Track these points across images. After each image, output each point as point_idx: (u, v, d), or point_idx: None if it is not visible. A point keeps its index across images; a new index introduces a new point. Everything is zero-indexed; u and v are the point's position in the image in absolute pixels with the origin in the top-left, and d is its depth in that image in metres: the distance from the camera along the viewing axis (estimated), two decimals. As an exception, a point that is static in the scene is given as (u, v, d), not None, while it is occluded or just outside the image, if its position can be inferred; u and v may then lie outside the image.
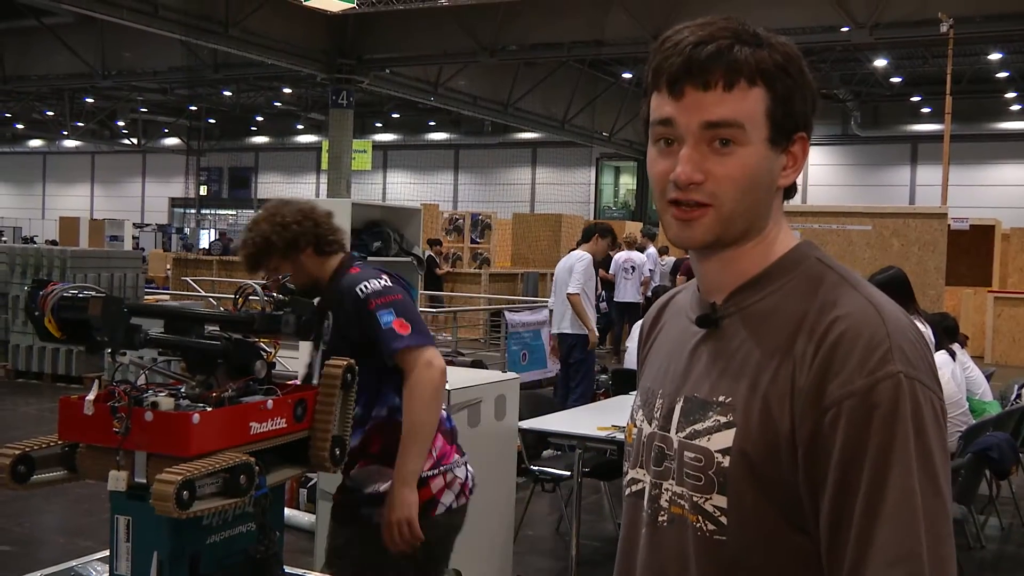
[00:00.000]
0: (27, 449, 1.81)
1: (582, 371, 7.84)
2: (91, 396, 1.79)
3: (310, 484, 5.67)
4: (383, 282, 2.73)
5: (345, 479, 2.76)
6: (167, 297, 15.22)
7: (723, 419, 1.19)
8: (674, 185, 1.19)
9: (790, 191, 1.28)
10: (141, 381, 1.89)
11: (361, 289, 2.70)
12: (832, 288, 1.19)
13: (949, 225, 8.97)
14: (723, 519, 1.17)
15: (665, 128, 1.20)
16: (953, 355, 5.77)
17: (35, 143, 44.51)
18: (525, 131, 32.83)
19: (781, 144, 1.21)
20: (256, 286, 2.12)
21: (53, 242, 25.63)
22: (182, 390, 1.92)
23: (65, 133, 36.83)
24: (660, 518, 1.26)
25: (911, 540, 1.06)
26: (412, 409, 2.65)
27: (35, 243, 25.60)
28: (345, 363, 2.16)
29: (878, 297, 1.18)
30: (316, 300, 2.67)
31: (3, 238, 31.44)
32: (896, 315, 1.16)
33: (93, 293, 1.72)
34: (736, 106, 1.17)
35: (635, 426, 1.36)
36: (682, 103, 1.18)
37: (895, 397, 1.09)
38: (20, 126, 38.71)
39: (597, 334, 8.00)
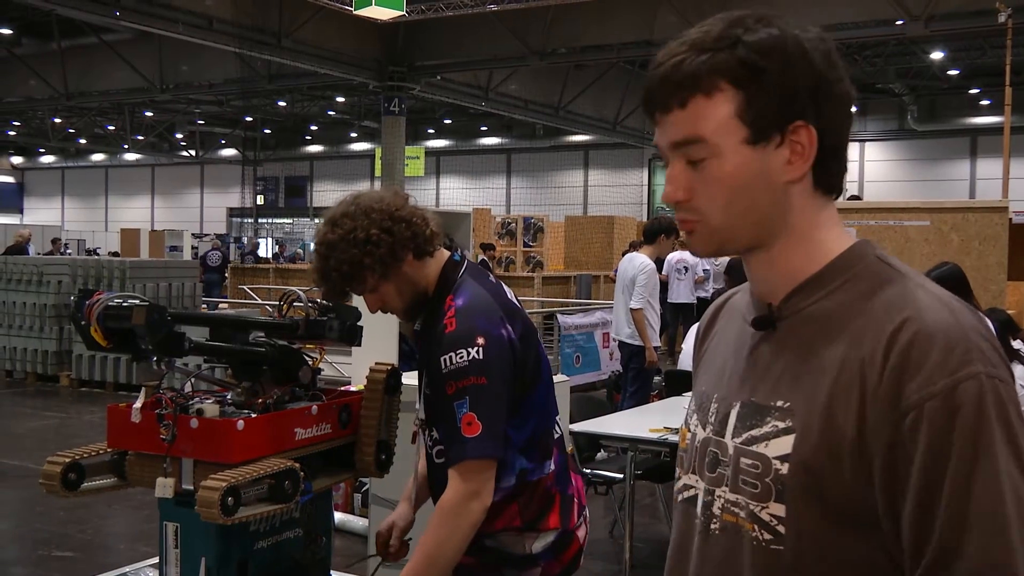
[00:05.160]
0: (77, 457, 1.85)
1: (640, 379, 7.65)
2: (138, 404, 1.82)
3: (364, 489, 5.71)
4: (473, 353, 2.10)
5: (484, 539, 2.25)
6: (225, 305, 15.43)
7: (782, 424, 1.15)
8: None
9: (830, 188, 1.21)
10: (188, 388, 1.92)
11: (444, 361, 2.11)
12: (896, 287, 1.14)
13: (1011, 219, 8.74)
14: (780, 528, 1.14)
15: (660, 151, 1.23)
16: (1016, 352, 5.62)
17: (97, 157, 45.62)
18: (576, 134, 32.82)
19: (769, 140, 1.16)
20: (300, 292, 2.13)
21: (115, 253, 26.19)
22: (228, 397, 1.94)
23: (126, 147, 37.66)
24: (712, 526, 1.23)
25: (1002, 550, 1.00)
26: (436, 539, 2.09)
27: (98, 255, 26.21)
28: (388, 367, 2.17)
29: (946, 295, 1.13)
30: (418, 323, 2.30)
31: (68, 251, 32.18)
32: (967, 313, 1.11)
33: (137, 302, 1.74)
34: (691, 123, 1.16)
35: (689, 431, 1.32)
36: (658, 127, 1.21)
37: (979, 398, 1.04)
38: (83, 141, 39.65)
39: (656, 357, 7.47)
